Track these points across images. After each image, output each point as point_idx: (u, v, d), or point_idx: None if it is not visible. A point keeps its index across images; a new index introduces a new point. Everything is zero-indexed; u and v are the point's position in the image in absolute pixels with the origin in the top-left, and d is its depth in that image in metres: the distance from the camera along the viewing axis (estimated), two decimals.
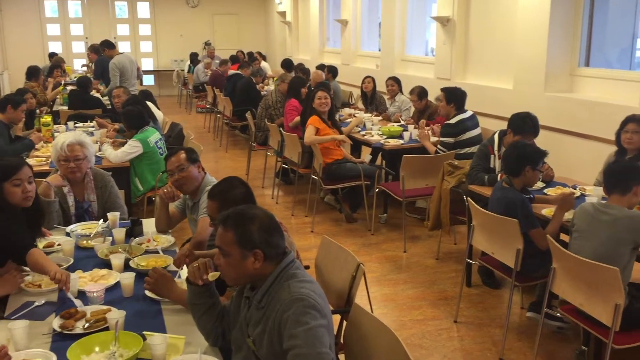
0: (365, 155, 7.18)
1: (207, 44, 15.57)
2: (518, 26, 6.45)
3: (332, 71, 8.86)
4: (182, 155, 3.32)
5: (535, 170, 3.61)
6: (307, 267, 3.18)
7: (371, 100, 7.83)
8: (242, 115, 8.39)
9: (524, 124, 4.27)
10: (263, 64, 13.32)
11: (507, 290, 4.19)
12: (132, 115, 5.21)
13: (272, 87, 9.43)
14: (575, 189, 4.13)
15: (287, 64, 10.19)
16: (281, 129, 6.58)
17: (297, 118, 6.43)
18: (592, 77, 5.99)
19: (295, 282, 1.99)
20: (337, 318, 2.72)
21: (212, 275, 2.18)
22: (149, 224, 3.48)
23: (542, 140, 5.19)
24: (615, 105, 5.28)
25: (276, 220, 2.11)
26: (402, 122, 6.79)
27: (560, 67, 6.16)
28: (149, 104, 6.43)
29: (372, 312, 3.11)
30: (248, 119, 7.75)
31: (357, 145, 6.93)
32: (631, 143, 3.97)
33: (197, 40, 15.87)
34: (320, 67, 9.04)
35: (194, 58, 14.06)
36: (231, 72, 10.37)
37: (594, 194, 3.88)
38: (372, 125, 6.62)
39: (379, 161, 6.69)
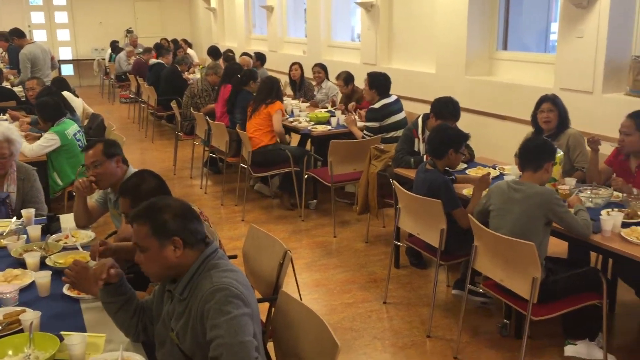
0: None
1: (129, 31, 15.06)
2: (439, 12, 6.59)
3: (261, 58, 8.78)
4: (99, 149, 3.13)
5: (458, 154, 3.71)
6: (234, 257, 3.19)
7: (299, 87, 7.81)
8: (168, 104, 8.18)
9: (445, 109, 4.37)
10: (189, 51, 13.03)
11: (434, 270, 4.30)
12: (48, 106, 4.96)
13: (198, 75, 9.23)
14: (494, 168, 4.27)
15: (213, 52, 10.00)
16: (207, 117, 6.46)
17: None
18: (509, 60, 6.21)
19: (217, 272, 1.96)
20: (266, 306, 2.70)
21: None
22: (68, 220, 3.34)
23: (463, 122, 5.33)
24: (531, 87, 5.48)
25: (192, 208, 2.08)
26: (330, 108, 6.81)
27: (480, 51, 6.35)
28: (67, 94, 6.16)
29: (300, 298, 3.12)
30: (173, 108, 7.57)
31: (285, 132, 6.89)
32: (547, 122, 4.13)
33: (118, 28, 15.32)
34: (245, 55, 8.91)
35: (116, 46, 13.57)
36: (153, 61, 10.08)
37: (512, 172, 4.03)
38: (300, 111, 6.61)
39: (308, 148, 6.69)
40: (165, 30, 15.52)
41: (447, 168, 3.89)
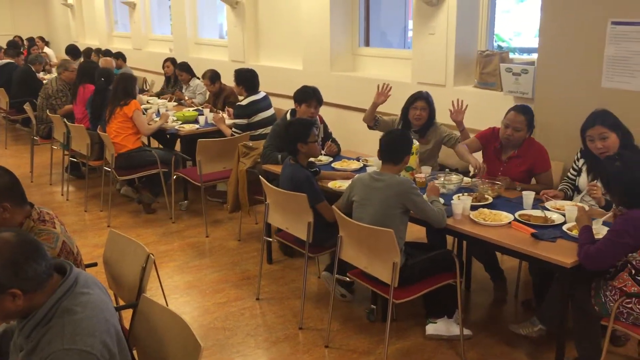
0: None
1: None
2: (303, 9, 6.70)
3: (121, 56, 8.43)
4: None
5: (309, 143, 3.76)
6: (94, 264, 3.04)
7: (174, 83, 7.65)
8: (22, 107, 7.60)
9: (304, 92, 4.58)
10: (47, 50, 12.22)
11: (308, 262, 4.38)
12: None
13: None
14: (358, 160, 4.43)
15: (71, 51, 9.47)
16: (65, 119, 6.09)
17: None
18: (371, 56, 6.45)
19: (70, 323, 1.73)
20: (130, 312, 2.59)
21: None
22: None
23: (330, 117, 5.49)
24: (392, 82, 5.65)
25: (28, 239, 1.79)
26: (198, 107, 6.69)
27: (343, 48, 6.54)
28: None
29: (166, 301, 3.05)
30: (27, 111, 7.05)
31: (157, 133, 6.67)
32: (420, 119, 4.30)
33: None
34: (106, 53, 8.50)
35: None
36: (0, 62, 9.33)
37: (375, 164, 4.19)
38: (167, 111, 6.43)
39: (178, 148, 6.53)
40: (18, 27, 14.38)
41: (311, 160, 3.97)
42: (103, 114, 5.69)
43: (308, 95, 4.56)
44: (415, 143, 3.74)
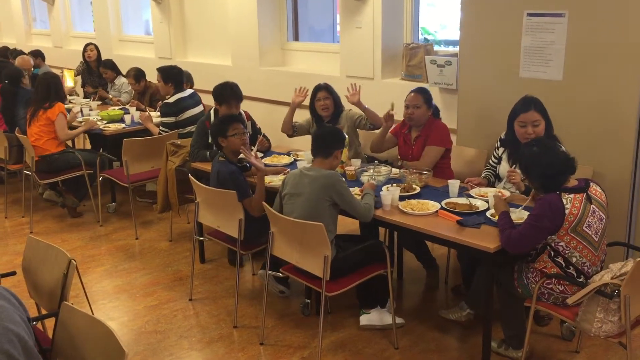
0: None
1: None
2: (230, 4, 6.61)
3: (40, 55, 8.04)
4: None
5: (229, 137, 3.71)
6: (12, 273, 2.90)
7: (98, 72, 7.30)
8: None
9: (223, 92, 4.43)
10: None
11: (247, 261, 4.35)
12: None
13: None
14: (289, 155, 4.41)
15: None
16: None
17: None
18: (301, 50, 6.45)
19: None
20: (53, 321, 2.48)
21: None
22: None
23: (260, 112, 5.46)
24: (321, 76, 5.74)
25: None
26: (125, 106, 6.48)
27: (272, 43, 6.50)
28: None
29: (90, 307, 2.96)
30: None
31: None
32: (326, 109, 4.35)
33: None
34: (20, 52, 8.09)
35: None
36: None
37: (306, 158, 4.19)
38: (90, 110, 6.21)
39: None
40: None
41: (235, 155, 3.93)
42: (16, 115, 5.45)
43: (226, 98, 4.40)
44: (347, 137, 3.75)
